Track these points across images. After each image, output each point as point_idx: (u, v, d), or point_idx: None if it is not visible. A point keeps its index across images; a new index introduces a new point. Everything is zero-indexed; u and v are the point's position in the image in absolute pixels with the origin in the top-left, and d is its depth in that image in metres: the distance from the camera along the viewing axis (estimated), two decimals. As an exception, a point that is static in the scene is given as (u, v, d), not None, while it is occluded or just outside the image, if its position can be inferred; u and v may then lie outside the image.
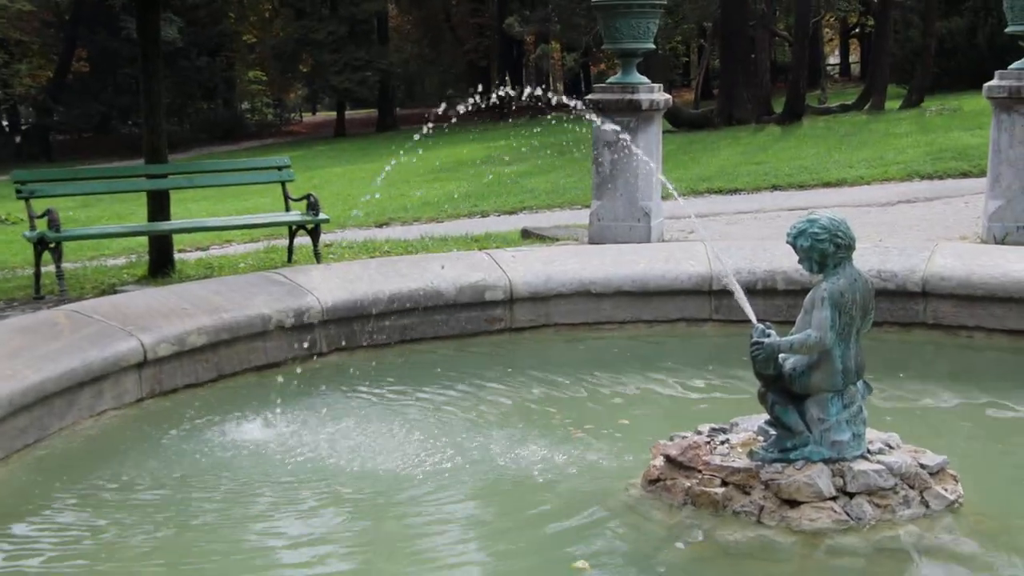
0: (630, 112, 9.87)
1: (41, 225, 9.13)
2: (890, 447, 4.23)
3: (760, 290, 6.94)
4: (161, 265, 9.70)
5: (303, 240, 10.35)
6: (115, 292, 8.64)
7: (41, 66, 39.33)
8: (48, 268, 9.17)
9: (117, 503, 4.67)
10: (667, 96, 10.30)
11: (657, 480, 4.30)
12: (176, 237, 10.52)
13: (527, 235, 11.18)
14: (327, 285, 6.83)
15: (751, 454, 4.17)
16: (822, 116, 25.77)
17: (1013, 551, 3.92)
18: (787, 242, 4.11)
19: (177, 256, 10.25)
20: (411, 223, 13.58)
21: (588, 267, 7.30)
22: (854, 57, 54.37)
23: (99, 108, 39.07)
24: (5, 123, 42.17)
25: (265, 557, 4.18)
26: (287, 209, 10.37)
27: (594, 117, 5.96)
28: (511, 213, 14.11)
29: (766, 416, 4.24)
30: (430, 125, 5.62)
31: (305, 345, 6.52)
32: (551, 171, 18.54)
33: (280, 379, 6.14)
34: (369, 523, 4.45)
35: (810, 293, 4.10)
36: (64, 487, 4.86)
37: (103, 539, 4.35)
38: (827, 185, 14.76)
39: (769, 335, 4.06)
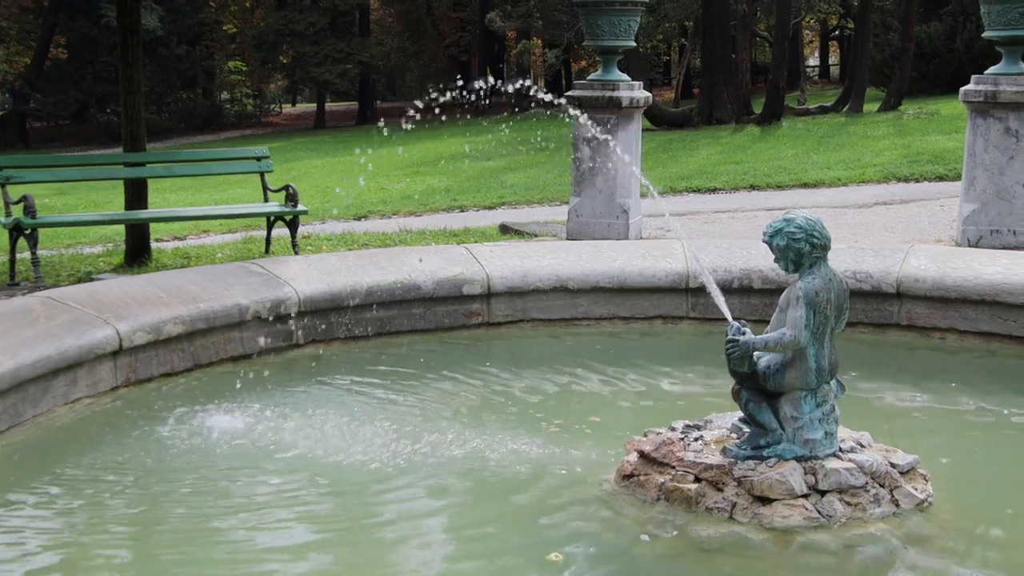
0: (610, 109, 9.90)
1: (17, 211, 9.07)
2: (862, 446, 4.27)
3: (736, 288, 6.99)
4: (138, 254, 9.66)
5: (281, 231, 10.34)
6: (91, 280, 8.60)
7: (19, 52, 39.04)
8: (23, 255, 9.12)
9: (90, 491, 4.65)
10: (647, 94, 10.33)
11: (631, 475, 4.32)
12: (153, 226, 10.48)
13: (505, 230, 11.19)
14: (305, 276, 6.82)
15: (724, 451, 4.20)
16: (801, 117, 25.88)
17: (981, 550, 3.97)
18: (763, 241, 4.14)
19: (154, 245, 10.21)
20: (390, 216, 13.58)
21: (566, 263, 7.32)
22: (834, 59, 54.63)
23: (77, 95, 38.81)
24: (-19, 108, 41.92)
25: (236, 547, 4.17)
26: (266, 200, 10.35)
27: (575, 113, 5.98)
28: (490, 208, 14.13)
29: (740, 413, 4.27)
30: (411, 114, 5.61)
31: (282, 336, 6.51)
32: (530, 167, 18.56)
33: (256, 370, 6.13)
34: (342, 514, 4.45)
35: (785, 292, 4.14)
36: (37, 474, 4.83)
37: (75, 526, 4.34)
38: (805, 186, 14.84)
39: (744, 333, 4.09)
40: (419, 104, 5.34)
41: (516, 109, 29.64)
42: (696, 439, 4.33)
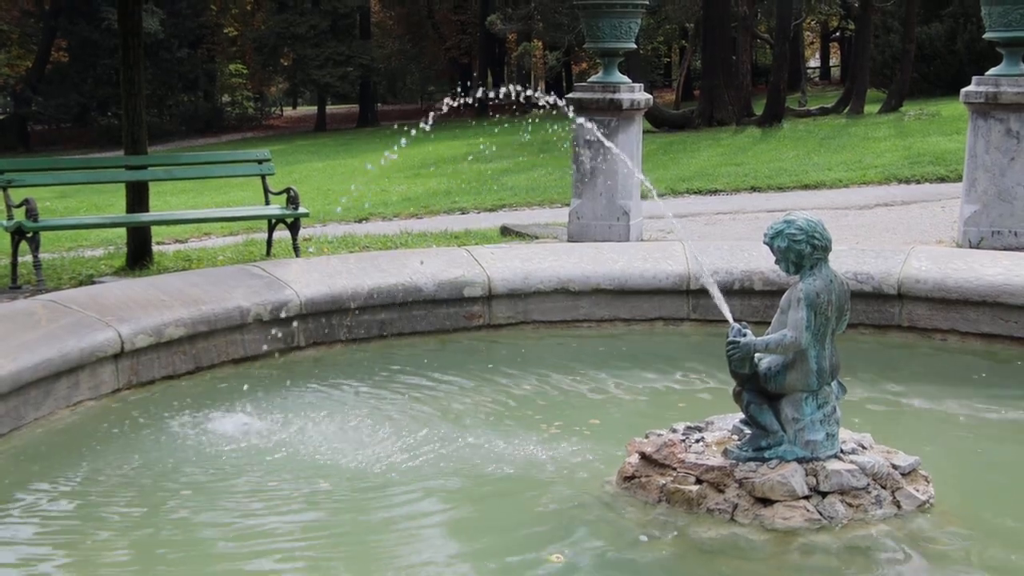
0: (611, 111, 9.90)
1: (19, 215, 9.08)
2: (863, 447, 4.27)
3: (737, 290, 6.99)
4: (139, 257, 9.67)
5: (282, 234, 10.34)
6: (93, 283, 8.60)
7: (20, 56, 39.07)
8: (25, 258, 9.12)
9: (91, 494, 4.65)
10: (648, 96, 10.34)
11: (632, 477, 4.32)
12: (155, 229, 10.48)
13: (506, 232, 11.20)
14: (306, 279, 6.82)
15: (726, 452, 4.20)
16: (802, 119, 25.88)
17: (982, 552, 3.97)
18: (764, 243, 4.14)
19: (155, 248, 10.22)
20: (391, 219, 13.58)
21: (567, 265, 7.32)
22: (834, 61, 54.60)
23: (78, 99, 38.83)
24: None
25: (236, 549, 4.18)
26: (267, 203, 10.35)
27: (576, 116, 5.98)
28: (491, 210, 14.13)
29: (741, 415, 4.27)
30: (425, 126, 5.60)
31: (283, 338, 6.52)
32: (531, 169, 18.57)
33: (257, 372, 6.14)
34: (343, 517, 4.45)
35: (786, 293, 4.14)
36: (39, 477, 4.83)
37: (77, 529, 4.34)
38: (806, 187, 14.84)
39: (745, 335, 4.09)
40: (443, 107, 5.28)
41: (517, 111, 29.64)
42: (697, 441, 4.33)
